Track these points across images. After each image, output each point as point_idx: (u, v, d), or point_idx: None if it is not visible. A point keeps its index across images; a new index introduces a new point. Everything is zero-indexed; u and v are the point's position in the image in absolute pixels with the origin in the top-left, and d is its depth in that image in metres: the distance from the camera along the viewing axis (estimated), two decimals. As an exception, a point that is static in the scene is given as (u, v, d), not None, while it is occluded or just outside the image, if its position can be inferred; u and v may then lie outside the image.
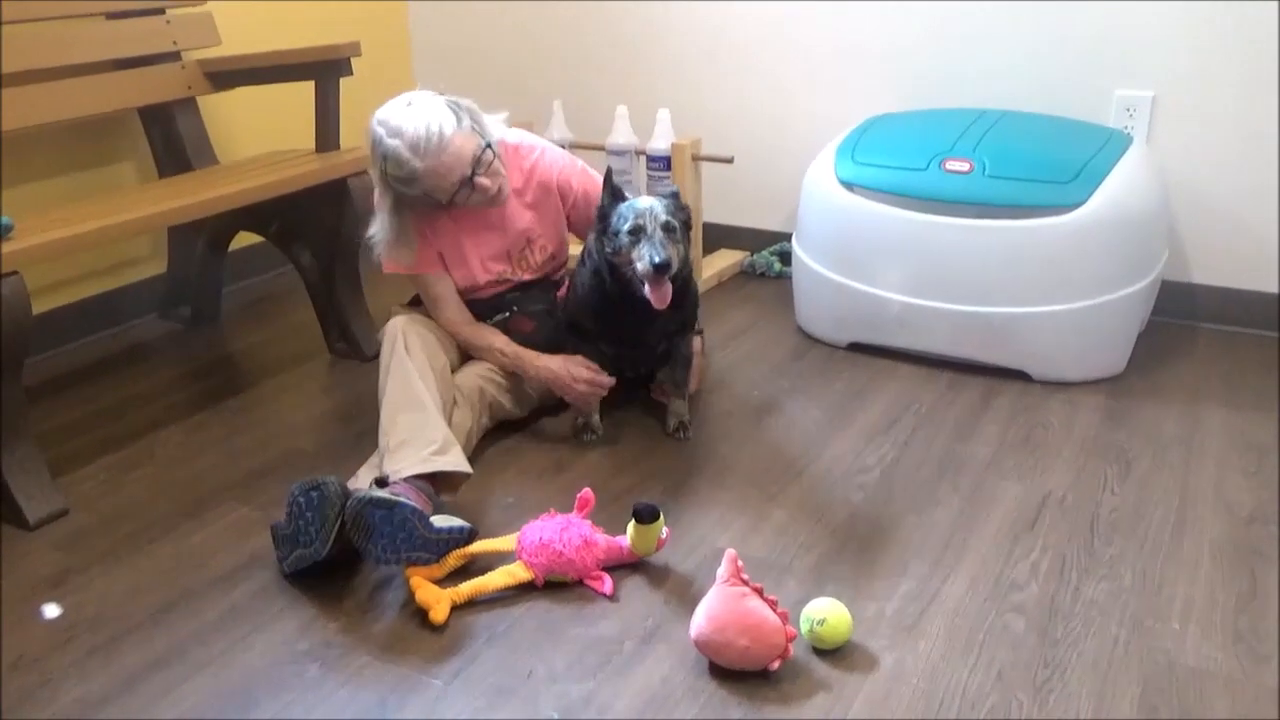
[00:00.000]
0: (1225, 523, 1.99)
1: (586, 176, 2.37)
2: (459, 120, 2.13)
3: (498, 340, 2.33)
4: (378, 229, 2.23)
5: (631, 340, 2.32)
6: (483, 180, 2.16)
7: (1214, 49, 2.69)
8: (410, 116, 2.11)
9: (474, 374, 2.29)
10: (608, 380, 2.30)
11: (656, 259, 2.06)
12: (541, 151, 2.36)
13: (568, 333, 2.37)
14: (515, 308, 2.39)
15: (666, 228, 2.11)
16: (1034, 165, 2.51)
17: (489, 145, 2.17)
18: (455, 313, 2.35)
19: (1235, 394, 2.50)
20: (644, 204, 2.14)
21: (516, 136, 2.36)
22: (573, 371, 2.28)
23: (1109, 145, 2.56)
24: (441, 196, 2.16)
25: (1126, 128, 2.81)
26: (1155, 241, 2.61)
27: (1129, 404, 2.46)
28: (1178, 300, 2.89)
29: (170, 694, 1.62)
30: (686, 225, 2.20)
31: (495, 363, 2.33)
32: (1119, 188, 2.45)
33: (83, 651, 1.72)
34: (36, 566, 1.97)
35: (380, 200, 2.20)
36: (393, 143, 2.10)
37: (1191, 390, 2.53)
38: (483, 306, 2.38)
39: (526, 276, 2.39)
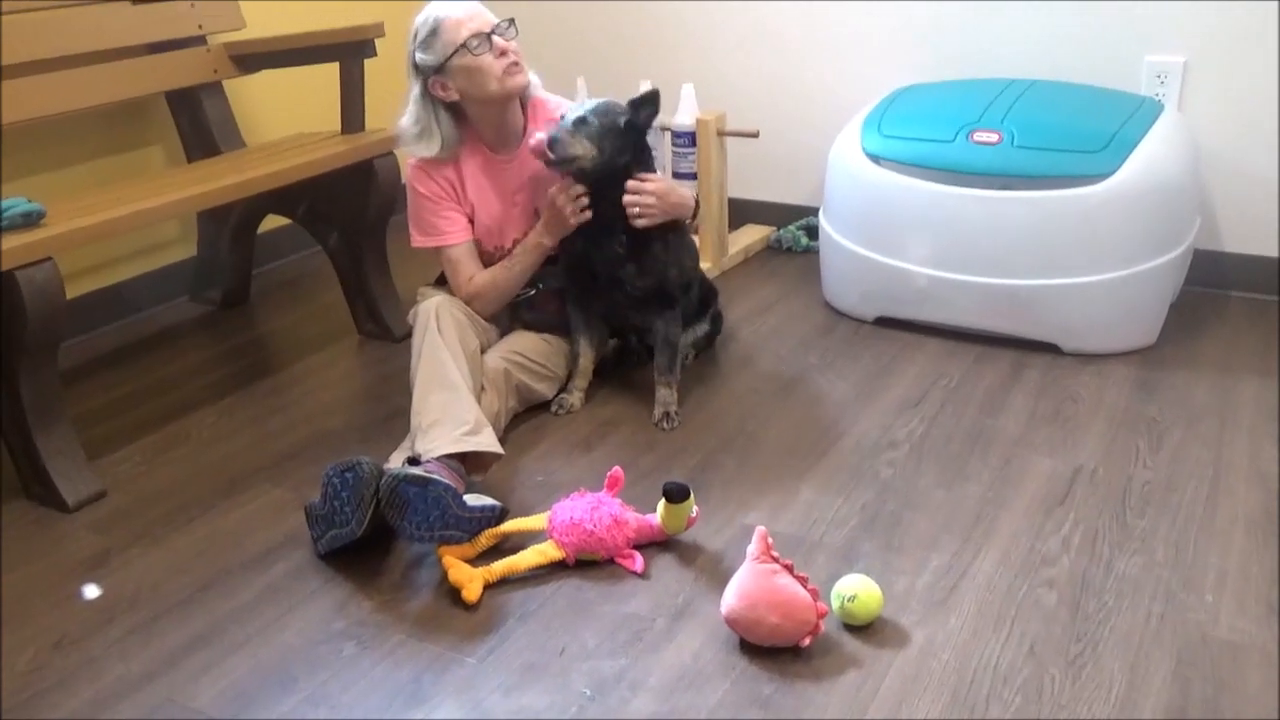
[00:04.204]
0: (1259, 494, 1.98)
1: None
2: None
3: (509, 255, 2.34)
4: (405, 119, 2.30)
5: (592, 251, 2.30)
6: (501, 41, 2.23)
7: (1246, 13, 2.64)
8: None
9: (498, 357, 2.30)
10: (577, 189, 2.24)
11: (541, 133, 2.20)
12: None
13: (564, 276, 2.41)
14: (541, 284, 2.40)
15: (578, 121, 2.19)
16: (1063, 135, 2.48)
17: (511, 21, 2.27)
18: (474, 269, 2.36)
19: (1269, 363, 2.47)
20: (577, 104, 2.25)
21: (545, 95, 2.38)
22: (559, 207, 2.25)
23: (1140, 113, 2.53)
24: (457, 45, 2.20)
25: (1158, 95, 2.77)
26: (1187, 211, 2.58)
27: (1161, 375, 2.44)
28: (1210, 269, 2.85)
29: (209, 672, 1.65)
30: (632, 127, 2.23)
31: (524, 267, 2.32)
32: (1150, 156, 2.42)
33: (123, 631, 1.76)
34: (76, 548, 2.00)
35: (410, 90, 2.28)
36: (423, 14, 2.23)
37: (1224, 361, 2.50)
38: None
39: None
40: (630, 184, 2.23)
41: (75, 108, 2.62)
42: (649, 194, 2.23)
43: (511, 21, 2.27)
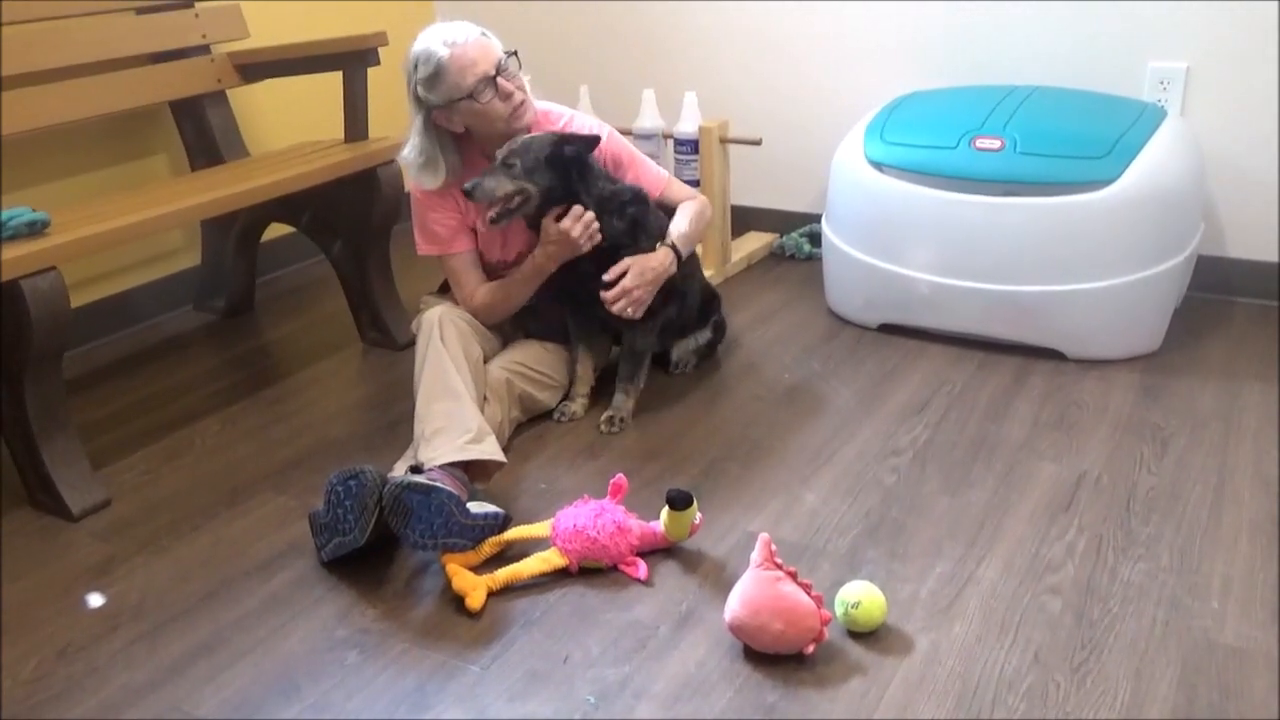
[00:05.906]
0: (1264, 500, 1.97)
1: (614, 141, 2.39)
2: (487, 35, 2.24)
3: (511, 274, 2.33)
4: (408, 150, 2.27)
5: (565, 275, 2.29)
6: (505, 83, 2.20)
7: (1248, 18, 2.64)
8: (443, 24, 2.23)
9: (501, 367, 2.30)
10: (577, 209, 2.22)
11: (466, 185, 2.16)
12: (571, 117, 2.38)
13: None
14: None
15: (505, 162, 2.17)
16: (1066, 141, 2.48)
17: (514, 53, 2.24)
18: (477, 280, 2.36)
19: (1273, 369, 2.47)
20: (527, 137, 2.22)
21: (545, 105, 2.38)
22: (563, 231, 2.21)
23: (1142, 119, 2.53)
24: (463, 92, 2.17)
25: (1160, 101, 2.77)
26: (1191, 216, 2.58)
27: (1165, 381, 2.44)
28: (1214, 275, 2.85)
29: (213, 681, 1.65)
30: (553, 161, 2.18)
31: (524, 287, 2.31)
32: (1153, 162, 2.42)
33: (127, 640, 1.76)
34: (80, 556, 2.00)
35: (412, 121, 2.26)
36: (423, 44, 2.19)
37: (1229, 366, 2.50)
38: None
39: None
40: (605, 295, 2.21)
41: (79, 117, 2.63)
42: (626, 287, 2.22)
43: (514, 54, 2.24)
